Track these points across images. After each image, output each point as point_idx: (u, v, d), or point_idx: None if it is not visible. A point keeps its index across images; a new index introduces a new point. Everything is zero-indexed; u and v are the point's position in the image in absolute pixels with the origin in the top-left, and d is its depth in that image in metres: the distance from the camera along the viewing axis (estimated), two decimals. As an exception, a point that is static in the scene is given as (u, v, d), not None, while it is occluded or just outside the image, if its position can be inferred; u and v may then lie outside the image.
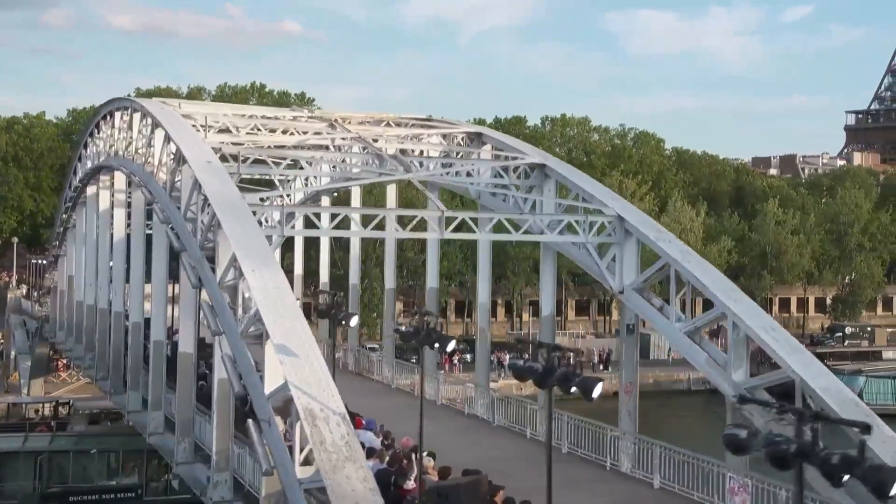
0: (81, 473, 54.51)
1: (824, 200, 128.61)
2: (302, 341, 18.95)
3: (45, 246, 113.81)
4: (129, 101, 33.91)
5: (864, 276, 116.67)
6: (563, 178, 28.82)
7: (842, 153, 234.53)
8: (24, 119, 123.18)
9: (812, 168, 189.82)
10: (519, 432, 30.27)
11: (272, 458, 18.27)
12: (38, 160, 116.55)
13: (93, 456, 54.73)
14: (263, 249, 21.58)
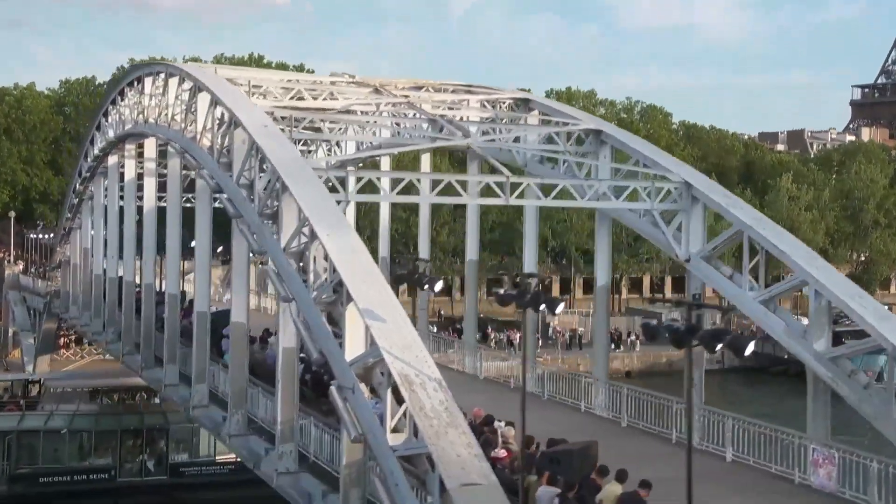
0: (52, 454, 54.02)
1: (835, 176, 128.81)
2: (388, 305, 18.91)
3: (39, 221, 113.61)
4: (164, 66, 33.72)
5: (880, 253, 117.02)
6: (621, 145, 28.79)
7: (847, 128, 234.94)
8: (15, 91, 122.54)
9: (821, 144, 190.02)
10: (572, 406, 30.32)
11: (360, 426, 18.24)
12: (31, 133, 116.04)
13: (64, 436, 54.35)
14: (336, 213, 21.53)
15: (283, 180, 22.57)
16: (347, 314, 19.40)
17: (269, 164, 24.12)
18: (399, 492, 17.06)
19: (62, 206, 55.80)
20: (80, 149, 50.98)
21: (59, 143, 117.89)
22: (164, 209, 52.00)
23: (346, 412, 18.68)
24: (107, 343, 43.21)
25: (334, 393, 19.12)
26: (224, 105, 26.94)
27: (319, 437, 23.31)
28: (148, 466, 55.34)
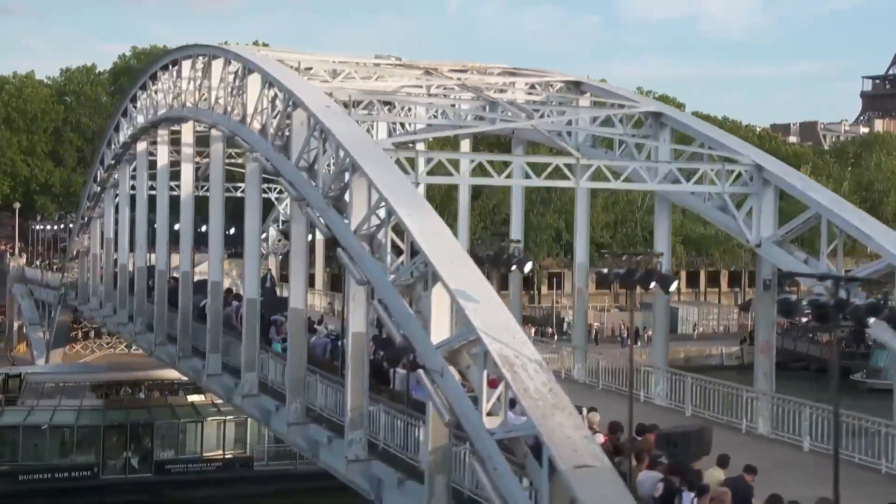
0: (32, 451, 53.56)
1: (850, 168, 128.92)
2: (480, 286, 18.91)
3: (39, 213, 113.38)
4: (207, 48, 33.65)
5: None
6: (684, 127, 28.81)
7: (858, 120, 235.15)
8: (14, 79, 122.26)
9: (834, 135, 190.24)
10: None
11: (453, 409, 18.24)
12: (31, 123, 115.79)
13: (45, 432, 53.87)
14: (415, 193, 21.55)
15: (355, 161, 22.53)
16: (434, 296, 19.37)
17: (333, 144, 24.11)
18: (499, 475, 17.07)
19: (80, 195, 55.76)
20: (102, 136, 50.78)
21: (59, 133, 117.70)
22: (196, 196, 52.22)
23: (437, 396, 18.70)
24: (135, 334, 43.10)
25: (423, 377, 19.14)
26: (282, 86, 26.91)
27: (391, 423, 23.27)
28: (132, 464, 55.02)
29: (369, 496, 23.86)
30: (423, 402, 23.77)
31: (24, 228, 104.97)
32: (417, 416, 22.41)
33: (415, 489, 21.48)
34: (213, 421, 56.25)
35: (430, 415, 19.81)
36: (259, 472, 55.87)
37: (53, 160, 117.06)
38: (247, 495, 54.11)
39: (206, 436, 56.06)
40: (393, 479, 22.37)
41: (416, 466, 21.95)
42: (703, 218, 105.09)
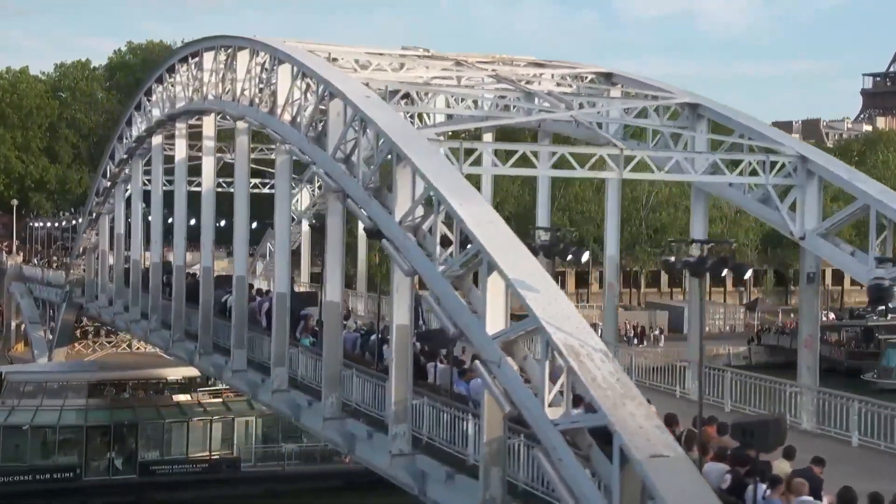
0: (13, 452, 53.20)
1: (855, 166, 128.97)
2: (538, 275, 18.90)
3: (34, 210, 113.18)
4: (233, 39, 33.55)
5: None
6: (724, 119, 28.83)
7: (860, 118, 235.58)
8: (7, 74, 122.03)
9: (837, 133, 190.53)
10: (665, 391, 30.38)
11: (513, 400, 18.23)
12: (26, 118, 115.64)
13: (26, 433, 53.58)
14: (464, 182, 21.50)
15: (400, 150, 22.51)
16: (489, 285, 19.35)
17: (374, 135, 24.09)
18: (564, 466, 17.06)
19: (88, 190, 55.49)
20: (114, 130, 50.69)
21: (55, 130, 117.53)
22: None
23: (495, 387, 18.69)
24: (150, 331, 43.02)
25: (480, 368, 19.13)
26: (318, 76, 26.90)
27: (436, 417, 23.25)
28: (116, 465, 54.79)
29: (413, 491, 23.85)
30: (465, 395, 23.96)
31: (19, 226, 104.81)
32: (465, 409, 22.40)
33: (465, 483, 21.49)
34: (199, 421, 56.22)
35: (484, 407, 19.82)
36: (246, 473, 55.84)
37: (48, 157, 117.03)
38: (234, 497, 54.13)
39: (191, 436, 56.02)
40: (439, 473, 22.34)
41: (465, 460, 21.95)
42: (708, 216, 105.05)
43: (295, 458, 56.85)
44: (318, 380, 29.03)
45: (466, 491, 21.51)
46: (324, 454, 57.14)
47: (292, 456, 56.91)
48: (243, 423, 57.27)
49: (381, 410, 25.56)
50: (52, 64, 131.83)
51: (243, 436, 56.61)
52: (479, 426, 21.41)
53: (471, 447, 21.78)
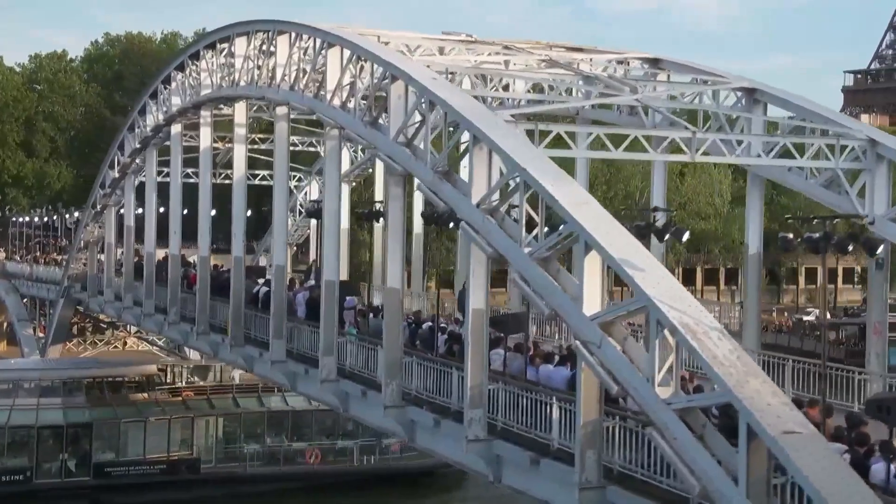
0: None
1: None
2: (641, 255, 19.14)
3: (10, 205, 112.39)
4: (272, 23, 33.52)
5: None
6: (783, 103, 29.11)
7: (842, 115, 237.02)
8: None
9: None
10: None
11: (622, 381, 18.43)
12: (2, 112, 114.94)
13: None
14: (550, 163, 21.68)
15: (478, 131, 22.64)
16: (586, 266, 19.54)
17: (446, 116, 24.21)
18: (680, 444, 17.28)
19: (93, 183, 55.29)
20: (125, 120, 50.55)
21: (31, 123, 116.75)
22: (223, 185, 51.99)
23: (599, 367, 18.89)
24: (168, 324, 42.94)
25: (581, 348, 19.33)
26: (379, 59, 27.00)
27: (513, 402, 23.39)
28: (69, 467, 54.08)
29: (488, 477, 24.03)
30: (534, 382, 24.17)
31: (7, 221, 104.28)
32: (550, 392, 22.59)
33: (551, 468, 21.66)
34: (157, 421, 55.54)
35: (580, 389, 19.97)
36: (206, 474, 55.46)
37: (25, 151, 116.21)
38: (193, 499, 53.80)
39: (149, 436, 55.25)
40: (521, 458, 22.47)
41: (549, 445, 22.12)
42: (701, 214, 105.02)
43: (257, 458, 56.69)
44: (370, 369, 29.16)
45: (552, 476, 21.73)
46: (287, 455, 57.27)
47: (254, 457, 56.75)
48: (203, 422, 56.85)
49: (445, 398, 25.73)
50: (27, 55, 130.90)
51: (203, 436, 56.18)
52: (564, 410, 21.70)
53: (555, 432, 21.93)
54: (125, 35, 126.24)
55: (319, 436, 58.51)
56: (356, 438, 57.92)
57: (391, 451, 58.23)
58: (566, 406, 21.58)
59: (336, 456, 58.31)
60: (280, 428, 58.42)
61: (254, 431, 57.80)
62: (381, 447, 57.90)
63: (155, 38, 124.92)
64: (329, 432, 58.75)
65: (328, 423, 58.34)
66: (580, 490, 19.96)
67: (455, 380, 25.25)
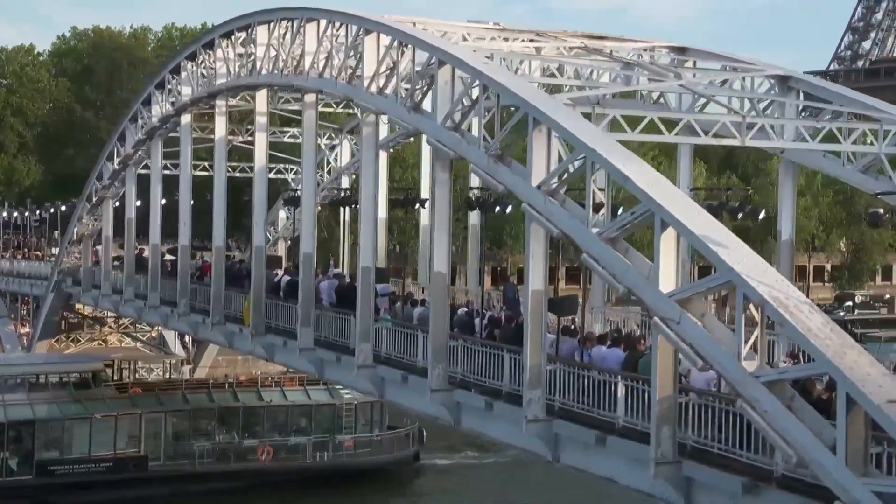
0: None
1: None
2: (722, 232, 19.58)
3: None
4: (301, 10, 33.71)
5: (873, 240, 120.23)
6: (819, 90, 29.66)
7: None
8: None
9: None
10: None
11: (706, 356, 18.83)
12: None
13: None
14: (617, 144, 22.08)
15: (539, 113, 23.01)
16: (662, 243, 19.95)
17: (501, 98, 24.56)
18: (772, 416, 17.70)
19: (90, 174, 55.07)
20: (126, 110, 50.45)
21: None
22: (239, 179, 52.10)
23: (682, 343, 19.29)
24: (178, 315, 42.96)
25: (661, 325, 19.72)
26: (427, 45, 27.33)
27: (573, 382, 23.75)
28: (10, 465, 52.77)
29: (546, 457, 24.39)
30: (587, 364, 24.57)
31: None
32: (612, 371, 22.99)
33: (620, 445, 22.05)
34: (103, 417, 54.47)
35: (656, 366, 20.36)
36: (154, 472, 54.54)
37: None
38: (140, 498, 53.06)
39: (94, 433, 54.00)
40: (586, 437, 22.84)
41: (613, 423, 22.51)
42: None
43: (207, 456, 55.71)
44: (410, 354, 29.43)
45: (621, 453, 22.14)
46: (238, 452, 56.48)
47: (204, 454, 55.70)
48: (151, 419, 55.62)
49: (496, 381, 26.05)
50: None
51: (151, 433, 55.06)
52: (631, 388, 22.12)
53: (620, 410, 22.31)
54: (93, 29, 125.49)
55: (272, 432, 57.88)
56: (309, 435, 57.45)
57: (345, 447, 57.82)
58: (634, 384, 21.97)
59: (289, 453, 57.46)
60: (231, 424, 57.60)
61: (204, 428, 56.85)
62: (334, 444, 57.46)
63: (124, 32, 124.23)
64: (282, 429, 58.24)
65: (281, 419, 58.23)
66: (656, 465, 20.35)
67: (507, 362, 25.56)
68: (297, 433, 57.89)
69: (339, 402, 57.93)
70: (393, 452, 59.64)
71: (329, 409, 58.27)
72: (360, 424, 58.65)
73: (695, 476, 20.40)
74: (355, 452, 58.13)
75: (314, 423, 57.64)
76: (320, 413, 58.38)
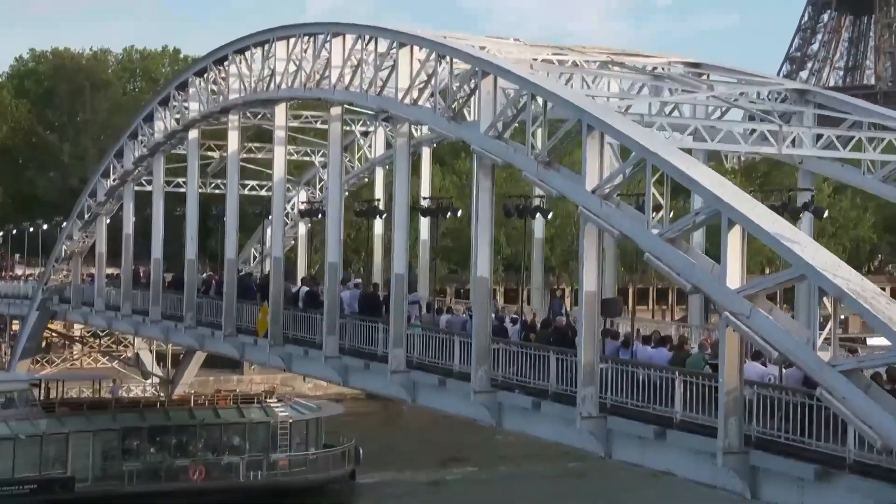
0: None
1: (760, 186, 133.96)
2: (790, 230, 20.42)
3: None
4: (325, 25, 34.36)
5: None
6: (837, 102, 30.67)
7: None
8: None
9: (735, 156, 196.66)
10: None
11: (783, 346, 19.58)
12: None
13: None
14: (675, 148, 22.90)
15: (593, 119, 23.76)
16: (729, 241, 20.73)
17: (545, 106, 25.32)
18: (851, 403, 18.47)
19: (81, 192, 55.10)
20: (125, 128, 50.58)
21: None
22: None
23: (754, 335, 20.03)
24: (185, 328, 43.17)
25: (731, 318, 20.46)
26: (469, 57, 28.03)
27: (623, 381, 24.39)
28: None
29: (599, 453, 25.02)
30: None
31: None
32: (667, 368, 23.69)
33: (681, 438, 22.72)
34: (28, 438, 52.97)
35: (723, 360, 21.09)
36: (82, 493, 53.08)
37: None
38: None
39: (18, 454, 52.53)
40: (644, 432, 23.47)
41: (671, 418, 23.17)
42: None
43: (137, 476, 54.40)
44: (445, 359, 29.94)
45: (682, 446, 22.83)
46: (169, 472, 55.23)
47: (134, 474, 54.43)
48: (79, 439, 54.03)
49: (542, 381, 26.64)
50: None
51: (79, 453, 53.60)
52: (689, 383, 22.82)
53: (678, 405, 22.98)
54: (52, 51, 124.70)
55: (204, 451, 56.46)
56: (243, 454, 56.03)
57: (280, 466, 56.53)
58: (693, 380, 22.68)
59: (222, 472, 55.83)
60: (162, 444, 56.36)
61: (134, 448, 55.46)
62: (268, 462, 56.11)
63: (84, 54, 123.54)
64: (214, 447, 56.79)
65: (214, 438, 56.96)
66: (724, 454, 21.05)
67: (554, 363, 26.19)
68: (231, 452, 56.33)
69: (274, 421, 56.86)
70: (329, 471, 58.31)
71: (264, 427, 57.04)
72: (295, 443, 57.29)
73: (763, 464, 21.09)
74: (290, 471, 56.88)
75: (248, 442, 56.36)
76: (255, 431, 57.18)
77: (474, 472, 63.47)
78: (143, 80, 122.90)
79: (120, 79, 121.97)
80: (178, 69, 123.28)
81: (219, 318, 41.55)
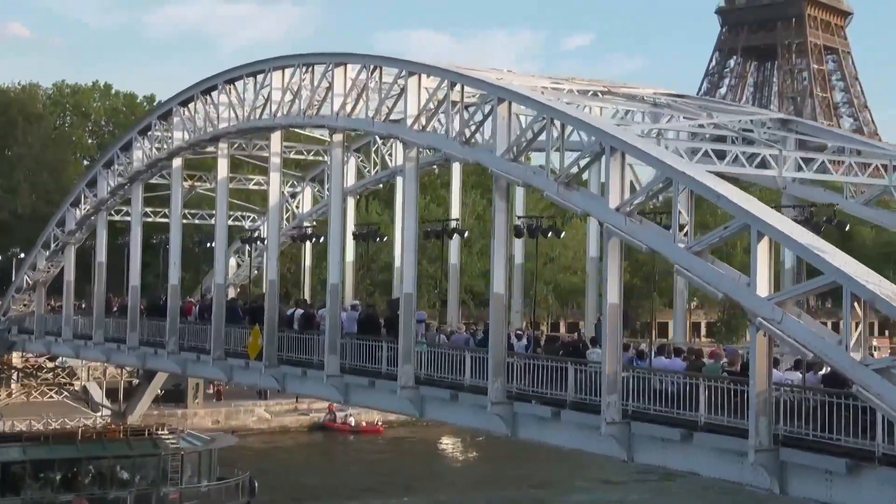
0: None
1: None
2: (818, 242, 22.01)
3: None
4: (330, 56, 35.46)
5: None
6: (817, 131, 32.67)
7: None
8: None
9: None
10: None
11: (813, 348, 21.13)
12: None
13: None
14: (698, 166, 24.50)
15: (616, 142, 25.28)
16: (759, 253, 22.28)
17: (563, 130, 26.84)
18: (888, 398, 20.03)
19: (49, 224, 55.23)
20: (99, 157, 51.05)
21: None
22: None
23: (790, 339, 21.56)
24: (168, 354, 43.71)
25: (765, 324, 21.98)
26: (483, 84, 29.45)
27: (645, 388, 25.77)
28: None
29: (622, 457, 26.33)
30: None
31: None
32: (689, 374, 25.12)
33: (708, 440, 24.11)
34: None
35: (754, 363, 22.57)
36: None
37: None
38: None
39: None
40: (670, 435, 24.81)
41: (695, 421, 24.56)
42: (570, 268, 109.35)
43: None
44: (453, 375, 31.05)
45: (708, 447, 24.22)
46: None
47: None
48: None
49: (556, 392, 27.91)
50: None
51: None
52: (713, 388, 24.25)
53: (702, 408, 24.37)
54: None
55: (90, 486, 53.31)
56: (130, 487, 53.08)
57: (170, 499, 53.54)
58: (717, 384, 24.11)
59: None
60: (46, 479, 52.89)
61: (14, 483, 52.33)
62: (159, 496, 53.16)
63: (13, 88, 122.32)
64: (101, 482, 53.57)
65: (101, 471, 53.90)
66: (755, 452, 22.49)
67: (572, 374, 27.50)
68: (119, 486, 53.25)
69: (165, 452, 54.13)
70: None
71: (153, 460, 54.09)
72: (187, 475, 54.49)
73: (794, 460, 22.50)
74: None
75: (138, 475, 53.71)
76: (144, 464, 54.27)
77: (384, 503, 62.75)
78: (74, 115, 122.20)
79: (52, 113, 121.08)
80: (111, 105, 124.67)
81: (201, 343, 42.29)
